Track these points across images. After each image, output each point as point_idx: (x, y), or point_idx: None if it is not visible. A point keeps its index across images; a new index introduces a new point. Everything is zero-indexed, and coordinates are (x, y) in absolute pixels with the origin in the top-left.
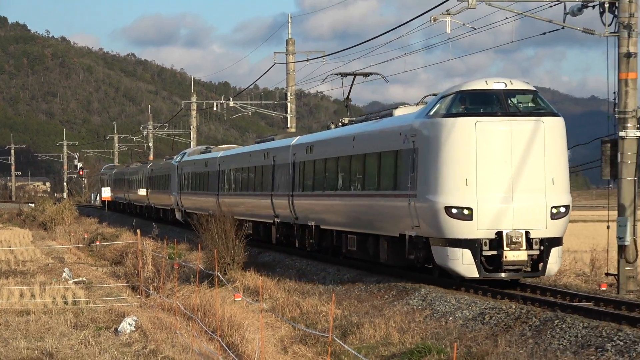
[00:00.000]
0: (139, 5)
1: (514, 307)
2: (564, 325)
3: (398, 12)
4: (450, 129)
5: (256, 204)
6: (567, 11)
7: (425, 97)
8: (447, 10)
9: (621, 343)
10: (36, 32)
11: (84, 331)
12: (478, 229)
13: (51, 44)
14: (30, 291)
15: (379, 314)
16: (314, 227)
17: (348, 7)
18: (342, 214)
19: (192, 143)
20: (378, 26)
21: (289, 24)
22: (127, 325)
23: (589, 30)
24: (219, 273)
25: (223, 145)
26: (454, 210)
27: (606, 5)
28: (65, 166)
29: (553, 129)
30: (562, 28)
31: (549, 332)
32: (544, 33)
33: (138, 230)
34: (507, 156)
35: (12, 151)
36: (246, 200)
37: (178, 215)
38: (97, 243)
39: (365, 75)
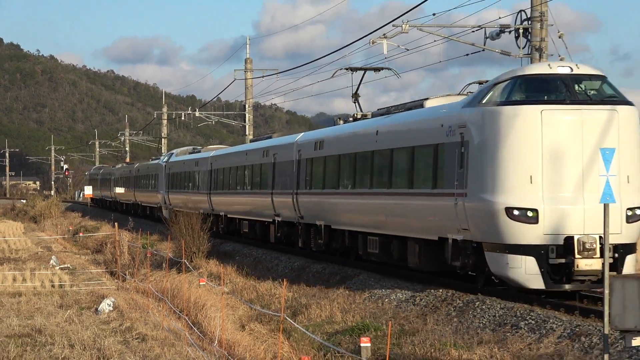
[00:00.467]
0: (118, 28)
1: (440, 291)
2: (484, 307)
3: (342, 36)
4: (511, 119)
5: (254, 203)
6: (487, 36)
7: (469, 85)
8: (384, 34)
9: (533, 322)
10: (28, 51)
11: (69, 311)
12: (544, 233)
13: (41, 61)
14: (21, 276)
15: (324, 296)
16: (323, 227)
17: (299, 31)
18: (361, 214)
19: (163, 148)
20: (325, 47)
21: (247, 46)
22: (106, 306)
23: (506, 52)
24: (186, 261)
25: (213, 145)
26: (516, 212)
27: (520, 31)
28: (52, 167)
29: (628, 119)
30: (483, 50)
31: (471, 312)
32: (467, 54)
33: (116, 224)
34: (576, 150)
35: (7, 154)
36: (242, 198)
37: (165, 213)
38: (81, 234)
39: (376, 70)
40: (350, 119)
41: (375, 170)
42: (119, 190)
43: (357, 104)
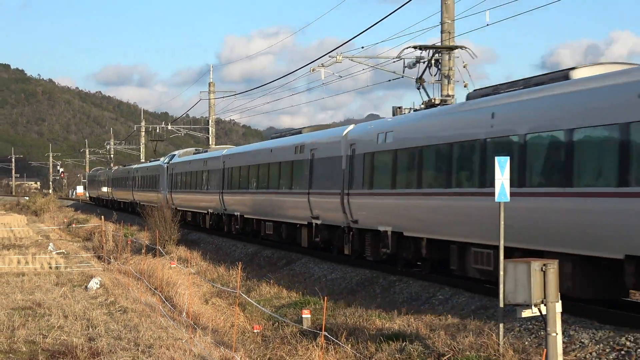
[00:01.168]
0: (105, 57)
1: (367, 272)
2: (403, 285)
3: (288, 64)
4: None
5: (282, 204)
6: (405, 65)
7: None
8: (322, 64)
9: (442, 297)
10: (31, 75)
11: (63, 288)
12: None
13: (41, 83)
14: (24, 259)
15: (273, 276)
16: (390, 233)
17: (252, 60)
18: (462, 220)
19: (141, 155)
20: (273, 74)
21: (211, 72)
22: (94, 284)
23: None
24: (159, 247)
25: (221, 145)
26: None
27: (432, 62)
28: (50, 170)
29: None
30: (402, 77)
31: (392, 290)
32: (389, 80)
33: (102, 217)
34: None
35: (13, 160)
36: (265, 198)
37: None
38: (73, 225)
39: (450, 48)
40: (422, 106)
41: (490, 164)
42: (117, 190)
43: (422, 90)
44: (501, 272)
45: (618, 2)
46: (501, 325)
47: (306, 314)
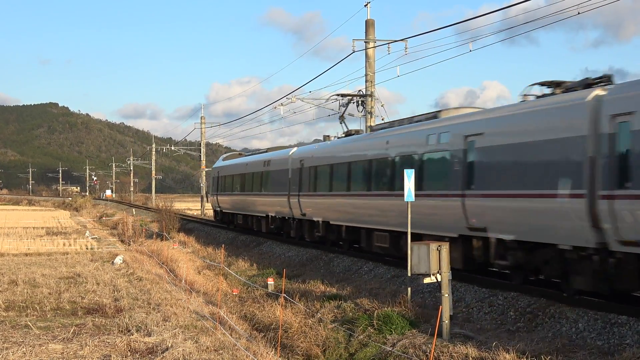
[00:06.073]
0: (126, 97)
1: (314, 251)
2: (339, 261)
3: (257, 103)
4: None
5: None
6: (341, 104)
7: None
8: (281, 103)
9: (367, 269)
10: (73, 110)
11: (96, 263)
12: None
13: (81, 117)
14: (68, 242)
15: (247, 254)
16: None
17: (231, 100)
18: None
19: (152, 170)
20: (246, 110)
21: (202, 109)
22: (118, 260)
23: (351, 114)
24: (165, 233)
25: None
26: None
27: (359, 102)
28: (87, 179)
29: None
30: (337, 112)
31: (332, 263)
32: (329, 115)
33: (125, 212)
34: None
35: (60, 171)
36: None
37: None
38: (104, 218)
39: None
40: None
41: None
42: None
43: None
44: (409, 252)
45: (486, 59)
46: (409, 289)
47: (270, 281)
